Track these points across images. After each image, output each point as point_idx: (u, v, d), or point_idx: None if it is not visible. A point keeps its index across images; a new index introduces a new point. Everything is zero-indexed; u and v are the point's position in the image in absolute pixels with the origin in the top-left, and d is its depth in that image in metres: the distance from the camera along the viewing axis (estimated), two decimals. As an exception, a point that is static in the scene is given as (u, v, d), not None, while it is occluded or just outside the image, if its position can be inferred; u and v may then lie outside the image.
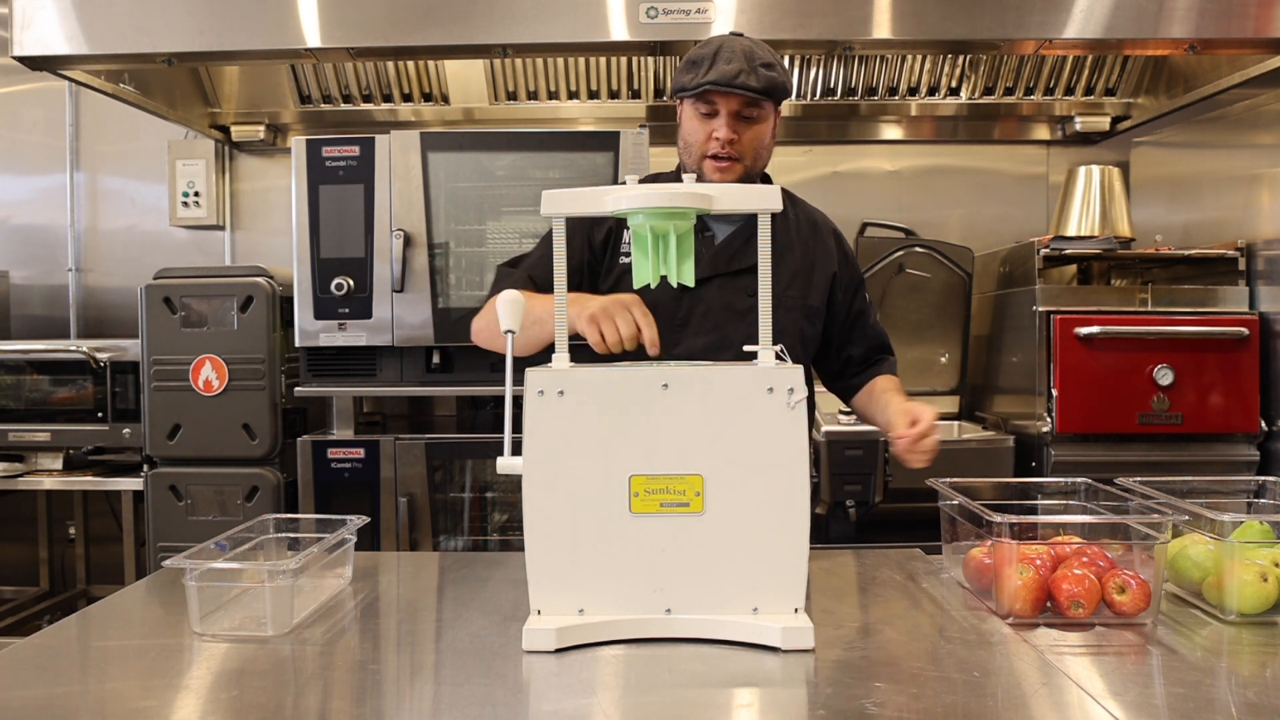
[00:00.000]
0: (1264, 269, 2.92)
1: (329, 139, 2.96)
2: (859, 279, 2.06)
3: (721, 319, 1.86)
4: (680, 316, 1.87)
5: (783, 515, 1.33)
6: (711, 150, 1.82)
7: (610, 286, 1.91)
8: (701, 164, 1.84)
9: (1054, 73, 3.51)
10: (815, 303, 1.96)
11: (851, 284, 2.03)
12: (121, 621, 1.56)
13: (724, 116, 1.80)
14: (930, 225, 3.66)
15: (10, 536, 3.78)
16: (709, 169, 1.84)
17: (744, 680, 1.24)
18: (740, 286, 1.88)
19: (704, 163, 1.84)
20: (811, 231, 1.99)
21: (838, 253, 2.01)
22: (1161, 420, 2.86)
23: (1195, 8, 2.60)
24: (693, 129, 1.84)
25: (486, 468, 3.04)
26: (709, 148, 1.82)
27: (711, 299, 1.87)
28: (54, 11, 2.68)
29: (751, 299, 1.88)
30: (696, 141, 1.84)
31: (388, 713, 1.16)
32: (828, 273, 1.98)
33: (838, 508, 2.88)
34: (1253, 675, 1.28)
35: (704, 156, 1.84)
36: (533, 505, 1.35)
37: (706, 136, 1.82)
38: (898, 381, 2.03)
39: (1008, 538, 1.43)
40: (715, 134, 1.81)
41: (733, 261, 1.88)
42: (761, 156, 1.88)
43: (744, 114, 1.81)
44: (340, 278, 2.92)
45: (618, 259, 1.92)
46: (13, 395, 3.21)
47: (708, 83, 1.77)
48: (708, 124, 1.82)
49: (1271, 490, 1.77)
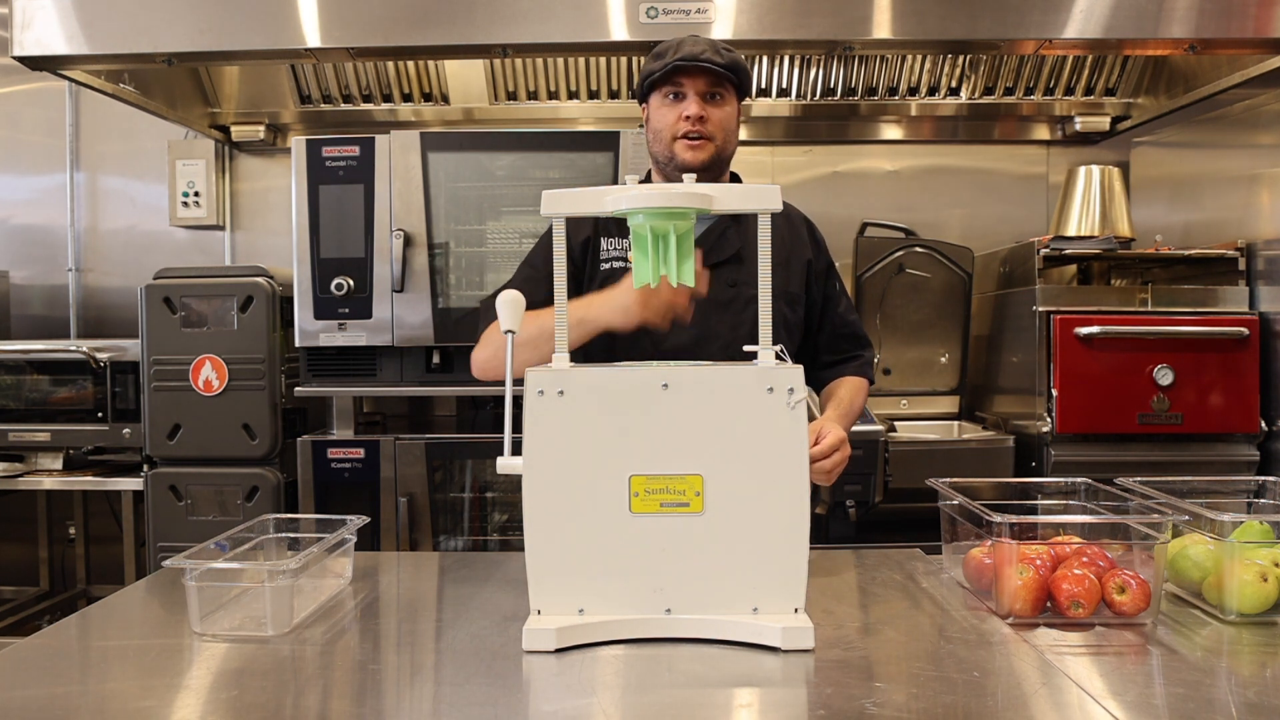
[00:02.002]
0: (1264, 269, 2.92)
1: (329, 139, 2.96)
2: (828, 265, 2.09)
3: (706, 311, 1.88)
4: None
5: (783, 515, 1.33)
6: (682, 130, 1.86)
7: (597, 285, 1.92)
8: (673, 146, 1.87)
9: (1054, 73, 3.51)
10: (795, 289, 2.00)
11: (822, 271, 2.07)
12: (121, 621, 1.56)
13: (692, 96, 1.85)
14: (930, 225, 3.66)
15: (10, 536, 3.78)
16: (681, 148, 1.86)
17: (744, 680, 1.24)
18: (721, 279, 1.91)
19: (675, 144, 1.87)
20: (785, 221, 2.02)
21: (810, 240, 2.06)
22: (1161, 420, 2.86)
23: (1195, 8, 2.60)
24: (661, 115, 1.89)
25: (486, 468, 3.04)
26: (679, 128, 1.86)
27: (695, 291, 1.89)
28: (54, 11, 2.68)
29: (733, 290, 1.93)
30: (666, 125, 1.88)
31: (388, 713, 1.16)
32: (803, 260, 2.02)
33: (838, 508, 2.88)
34: (1253, 675, 1.28)
35: (674, 138, 1.87)
36: (533, 505, 1.35)
37: (677, 118, 1.86)
38: (858, 385, 2.04)
39: (1008, 538, 1.43)
40: (685, 113, 1.85)
41: (710, 255, 1.90)
42: (730, 141, 1.92)
43: (711, 93, 1.86)
44: (340, 278, 2.92)
45: (599, 265, 1.95)
46: (13, 395, 3.21)
47: (676, 60, 1.82)
48: (676, 106, 1.87)
49: (1271, 490, 1.77)
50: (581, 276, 1.95)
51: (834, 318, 2.08)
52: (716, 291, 1.89)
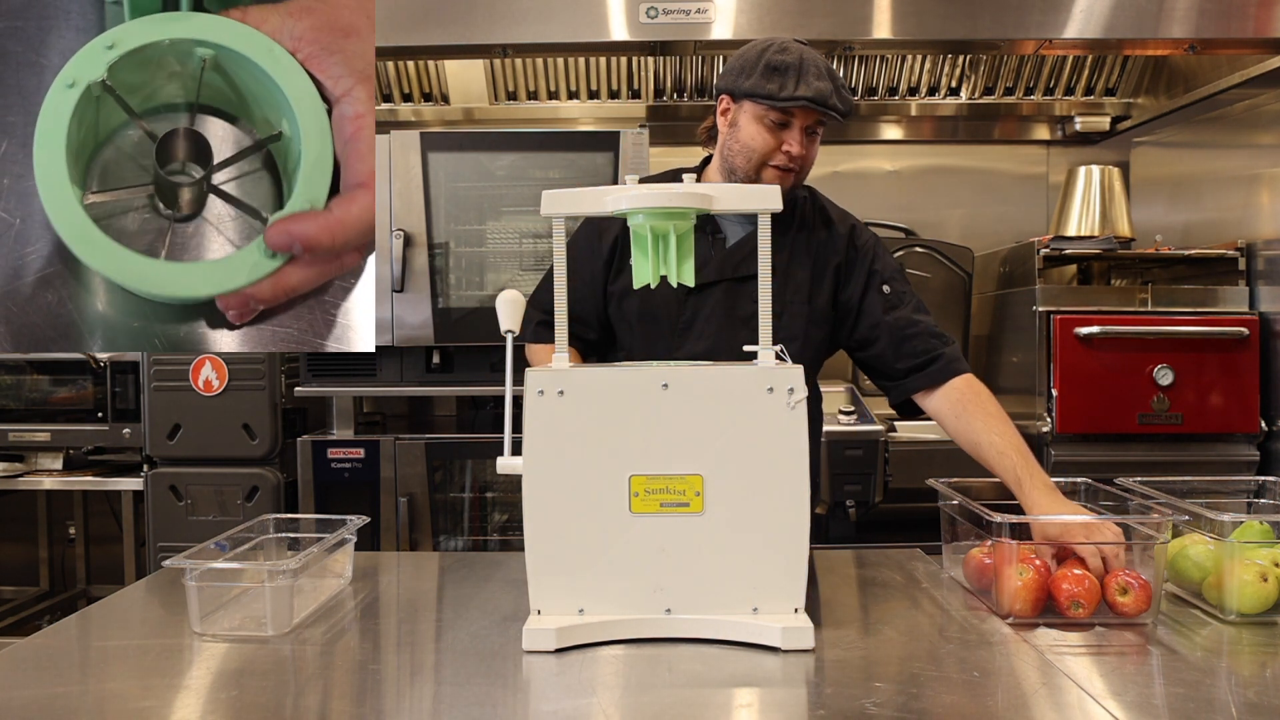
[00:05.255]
0: (1264, 269, 2.92)
1: (329, 139, 2.95)
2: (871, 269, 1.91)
3: (725, 324, 1.84)
4: (684, 320, 1.85)
5: (783, 515, 1.33)
6: (778, 161, 1.81)
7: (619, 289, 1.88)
8: (761, 171, 1.82)
9: (1054, 73, 3.51)
10: (822, 304, 1.90)
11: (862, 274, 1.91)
12: (121, 621, 1.56)
13: (798, 131, 1.79)
14: (930, 225, 3.66)
15: (10, 536, 3.78)
16: (770, 176, 1.81)
17: (744, 680, 1.24)
18: (747, 293, 1.83)
19: (765, 170, 1.82)
20: (826, 231, 1.94)
21: (845, 246, 1.93)
22: (1161, 420, 2.86)
23: (1195, 8, 2.60)
24: (761, 137, 1.79)
25: (486, 468, 3.04)
26: (776, 159, 1.80)
27: (716, 304, 1.85)
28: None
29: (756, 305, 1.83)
30: (762, 149, 1.80)
31: (388, 713, 1.16)
32: (830, 265, 1.91)
33: (838, 508, 2.88)
34: (1253, 675, 1.28)
35: (765, 164, 1.81)
36: (533, 505, 1.35)
37: (776, 147, 1.79)
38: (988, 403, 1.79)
39: (1008, 538, 1.43)
40: (786, 147, 1.79)
41: (740, 267, 1.85)
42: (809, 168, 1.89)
43: (813, 129, 1.81)
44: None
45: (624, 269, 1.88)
46: (13, 395, 3.20)
47: (802, 99, 1.73)
48: (779, 134, 1.79)
49: (1271, 490, 1.77)
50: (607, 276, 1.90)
51: (893, 321, 1.88)
52: (739, 305, 1.85)
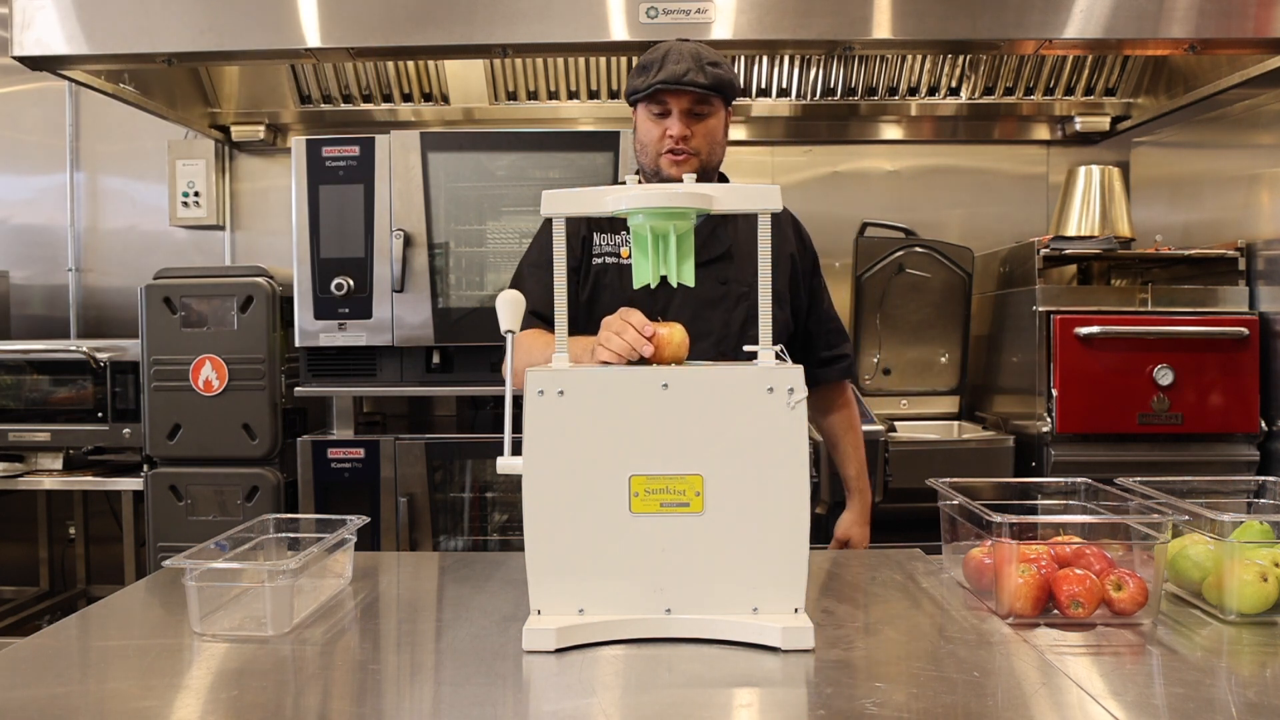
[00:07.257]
0: (1264, 269, 2.92)
1: (329, 139, 2.96)
2: (814, 261, 2.15)
3: (697, 309, 1.92)
4: (658, 309, 1.90)
5: (783, 515, 1.33)
6: (666, 147, 1.91)
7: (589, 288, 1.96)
8: (659, 161, 1.93)
9: (1054, 73, 3.51)
10: (781, 287, 2.03)
11: (808, 268, 2.12)
12: (121, 621, 1.56)
13: (676, 114, 1.89)
14: (930, 225, 3.66)
15: (10, 536, 3.78)
16: (666, 164, 1.92)
17: (744, 680, 1.24)
18: (712, 276, 1.95)
19: (660, 159, 1.92)
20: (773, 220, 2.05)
21: (795, 237, 2.10)
22: (1161, 420, 2.86)
23: (1195, 8, 2.60)
24: (647, 130, 1.93)
25: (486, 468, 3.04)
26: (664, 145, 1.91)
27: (685, 290, 1.89)
28: (54, 11, 2.68)
29: (724, 287, 1.97)
30: (651, 141, 1.93)
31: (388, 713, 1.16)
32: (786, 254, 2.06)
33: (838, 508, 2.87)
34: (1253, 675, 1.28)
35: (659, 154, 1.92)
36: (533, 505, 1.35)
37: (661, 135, 1.91)
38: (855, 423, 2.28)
39: (1008, 538, 1.43)
40: (669, 131, 1.90)
41: (701, 252, 1.91)
42: (716, 152, 1.96)
43: (695, 111, 1.90)
44: (340, 278, 2.92)
45: (592, 261, 1.98)
46: (13, 395, 3.20)
47: (658, 82, 1.86)
48: (661, 123, 1.91)
49: (1271, 490, 1.77)
50: (579, 270, 1.98)
51: (819, 313, 2.15)
52: (708, 289, 1.93)
